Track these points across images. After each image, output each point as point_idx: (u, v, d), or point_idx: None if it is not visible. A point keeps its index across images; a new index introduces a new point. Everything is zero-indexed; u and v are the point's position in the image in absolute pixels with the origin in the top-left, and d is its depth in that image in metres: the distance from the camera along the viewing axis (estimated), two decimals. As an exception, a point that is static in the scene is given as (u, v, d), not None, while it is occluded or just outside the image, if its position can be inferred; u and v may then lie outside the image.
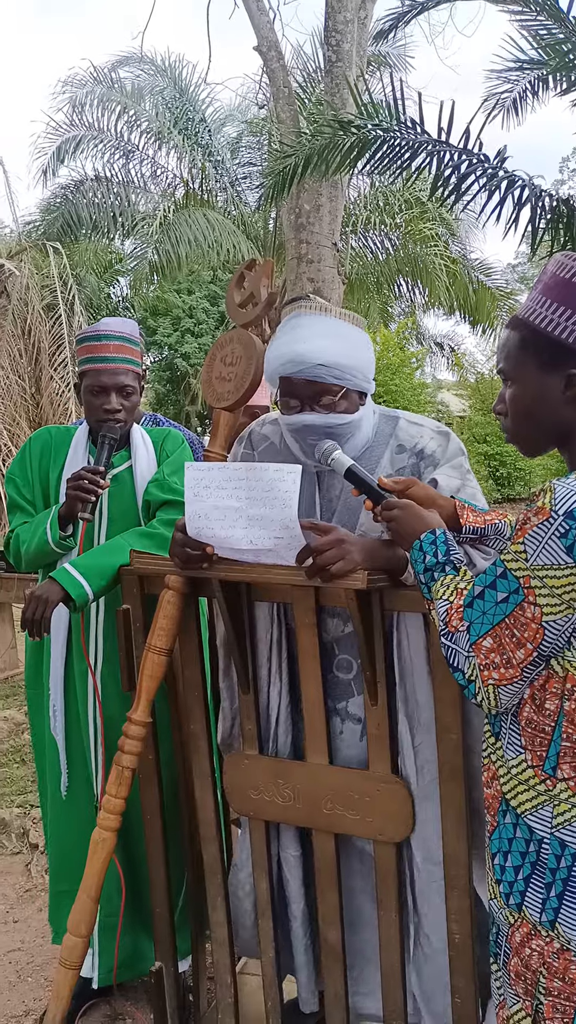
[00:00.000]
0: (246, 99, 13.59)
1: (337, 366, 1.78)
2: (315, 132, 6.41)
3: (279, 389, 1.87)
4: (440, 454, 1.87)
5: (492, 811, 1.44)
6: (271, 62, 8.89)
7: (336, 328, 1.81)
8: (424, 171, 5.63)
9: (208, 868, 2.11)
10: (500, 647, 1.32)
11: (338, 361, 1.77)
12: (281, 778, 1.92)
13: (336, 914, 1.90)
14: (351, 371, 1.79)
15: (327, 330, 1.80)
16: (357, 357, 1.81)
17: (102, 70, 12.71)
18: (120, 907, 2.23)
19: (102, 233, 13.37)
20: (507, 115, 6.43)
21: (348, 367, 1.79)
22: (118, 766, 1.97)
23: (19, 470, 2.41)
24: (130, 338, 2.35)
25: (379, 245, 12.84)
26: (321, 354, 1.76)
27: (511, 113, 6.42)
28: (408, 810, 1.79)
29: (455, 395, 23.10)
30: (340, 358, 1.78)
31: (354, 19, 7.88)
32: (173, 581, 1.93)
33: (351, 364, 1.79)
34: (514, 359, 1.43)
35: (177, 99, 12.94)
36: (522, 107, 6.42)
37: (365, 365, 1.83)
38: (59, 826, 2.41)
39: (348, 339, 1.81)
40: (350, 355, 1.79)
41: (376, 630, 1.75)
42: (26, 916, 3.00)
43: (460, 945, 1.77)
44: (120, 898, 2.22)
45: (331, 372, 1.78)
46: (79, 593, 2.13)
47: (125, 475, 2.39)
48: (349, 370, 1.79)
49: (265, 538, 1.70)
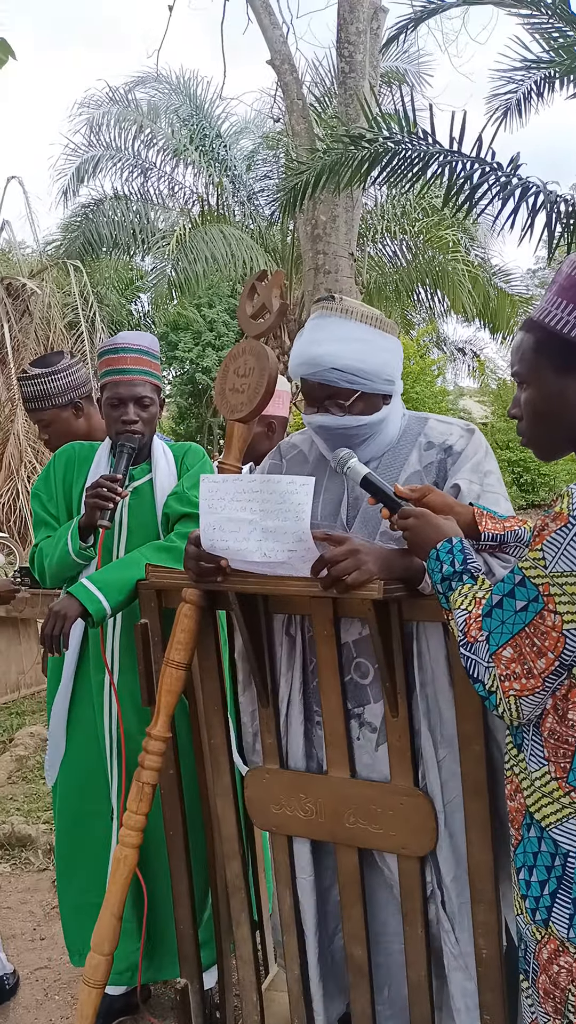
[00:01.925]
0: (261, 113, 13.70)
1: (351, 370, 1.78)
2: (327, 147, 6.44)
3: (300, 387, 1.89)
4: (465, 451, 1.86)
5: (516, 824, 1.41)
6: (284, 75, 8.94)
7: (355, 332, 1.81)
8: (439, 179, 5.62)
9: (231, 884, 2.09)
10: (520, 657, 1.29)
11: (352, 365, 1.77)
12: (303, 792, 1.90)
13: (361, 930, 1.87)
14: (367, 375, 1.79)
15: (345, 334, 1.80)
16: (376, 361, 1.80)
17: (118, 90, 12.86)
18: (135, 917, 2.23)
19: (122, 250, 13.52)
20: (512, 116, 6.40)
21: (364, 371, 1.79)
22: (138, 782, 1.96)
23: (44, 486, 2.45)
24: (147, 350, 2.36)
25: (397, 253, 12.85)
26: (335, 359, 1.77)
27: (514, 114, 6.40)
28: (432, 824, 1.76)
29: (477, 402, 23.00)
30: (355, 362, 1.77)
31: (366, 30, 7.91)
32: (190, 594, 1.92)
33: (368, 368, 1.79)
34: (529, 362, 1.41)
35: (193, 115, 13.06)
36: (526, 108, 6.40)
37: (385, 369, 1.82)
38: (71, 839, 2.42)
39: (367, 343, 1.81)
40: (367, 359, 1.79)
41: (395, 640, 1.73)
42: (53, 933, 2.99)
43: (488, 960, 1.74)
44: (135, 907, 2.22)
45: (344, 376, 1.78)
46: (97, 608, 2.13)
47: (145, 488, 2.39)
48: (365, 374, 1.79)
49: (279, 551, 1.69)
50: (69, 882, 2.45)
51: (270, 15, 8.95)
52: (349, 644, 1.85)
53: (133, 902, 2.25)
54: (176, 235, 11.70)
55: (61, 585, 2.40)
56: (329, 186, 6.22)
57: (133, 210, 13.15)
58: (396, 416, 1.91)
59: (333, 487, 1.92)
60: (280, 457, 2.07)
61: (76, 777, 2.40)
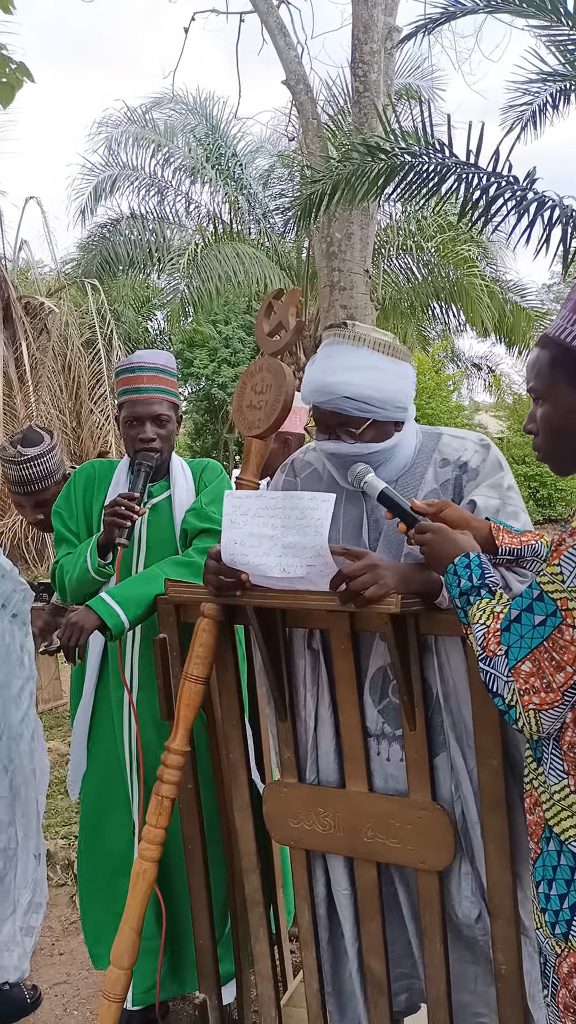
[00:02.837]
0: (276, 131, 13.82)
1: (362, 398, 1.77)
2: (342, 158, 6.45)
3: (312, 413, 1.89)
4: (480, 467, 1.86)
5: (535, 838, 1.41)
6: (299, 95, 9.03)
7: (366, 360, 1.80)
8: (455, 194, 5.64)
9: (249, 899, 2.09)
10: (539, 671, 1.30)
11: (364, 394, 1.77)
12: (321, 806, 1.91)
13: (380, 944, 1.87)
14: (379, 403, 1.79)
15: (357, 362, 1.79)
16: (388, 389, 1.79)
17: (135, 110, 13.02)
18: (157, 934, 2.23)
19: (139, 269, 13.64)
20: (527, 129, 6.43)
21: (376, 399, 1.78)
22: (158, 796, 1.97)
23: (64, 503, 2.48)
24: (163, 368, 2.39)
25: (412, 269, 12.89)
26: (346, 387, 1.77)
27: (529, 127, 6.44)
28: (451, 838, 1.76)
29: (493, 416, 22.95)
30: (367, 390, 1.77)
31: (380, 49, 7.98)
32: (208, 609, 1.93)
33: (380, 396, 1.78)
34: (545, 377, 1.42)
35: (209, 135, 13.19)
36: (541, 120, 6.43)
37: (398, 397, 1.81)
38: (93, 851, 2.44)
39: (379, 370, 1.80)
40: (379, 388, 1.78)
41: (412, 654, 1.73)
42: (71, 948, 3.00)
43: (507, 975, 1.73)
44: (157, 924, 2.22)
45: (356, 405, 1.78)
46: (115, 622, 2.15)
47: (164, 504, 2.42)
48: (377, 402, 1.78)
49: (298, 566, 1.70)
50: (91, 894, 2.47)
51: (285, 36, 9.05)
52: (386, 668, 1.85)
53: (155, 919, 2.26)
54: (188, 253, 11.79)
55: (82, 602, 2.42)
56: (345, 199, 6.24)
57: (150, 229, 13.28)
58: (409, 440, 1.90)
59: (351, 509, 1.91)
60: (294, 475, 2.07)
61: (97, 791, 2.42)
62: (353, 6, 7.97)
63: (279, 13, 9.31)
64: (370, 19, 7.87)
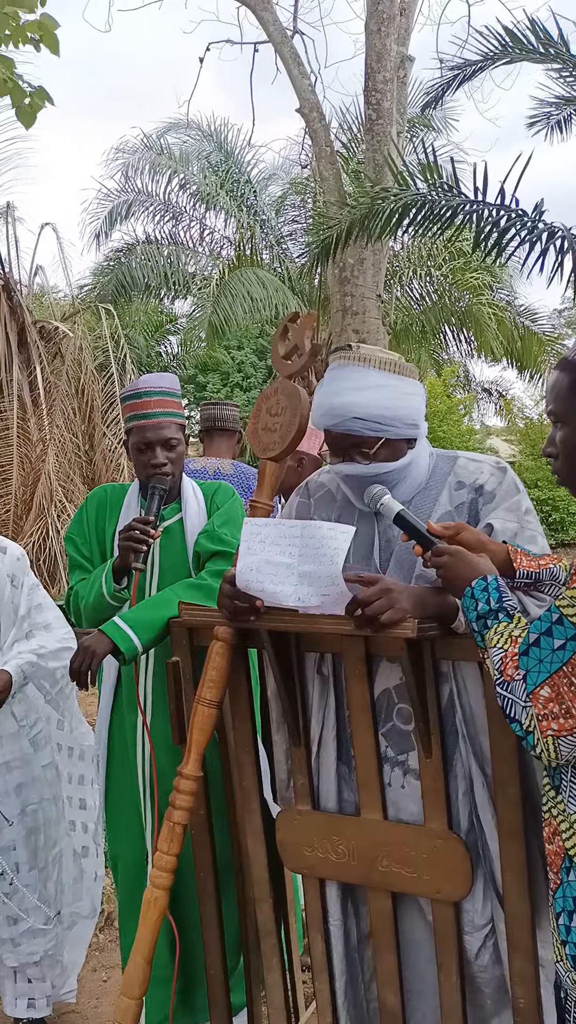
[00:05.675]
0: (289, 159, 13.98)
1: (373, 418, 1.78)
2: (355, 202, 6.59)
3: (325, 438, 1.89)
4: (497, 490, 1.85)
5: (555, 868, 1.38)
6: (313, 123, 9.12)
7: (374, 379, 1.80)
8: (467, 227, 5.74)
9: (262, 928, 2.06)
10: (559, 696, 1.28)
11: (374, 413, 1.77)
12: (335, 834, 1.88)
13: (395, 976, 1.83)
14: (389, 421, 1.79)
15: (365, 382, 1.80)
16: (397, 407, 1.80)
17: (151, 136, 13.22)
18: (167, 960, 2.20)
19: (153, 294, 13.76)
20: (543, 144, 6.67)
21: (386, 417, 1.78)
22: (169, 822, 1.94)
23: (77, 529, 2.48)
24: (169, 391, 2.40)
25: (423, 296, 12.96)
26: (355, 408, 1.77)
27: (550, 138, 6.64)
28: (467, 868, 1.73)
29: (504, 440, 22.93)
30: (377, 409, 1.77)
31: (393, 78, 8.07)
32: (222, 632, 1.92)
33: (390, 415, 1.79)
34: (564, 400, 1.42)
35: (223, 162, 13.36)
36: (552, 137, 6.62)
37: (408, 413, 1.82)
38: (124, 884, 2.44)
39: (388, 389, 1.80)
40: (389, 406, 1.79)
41: (428, 679, 1.71)
42: (81, 976, 2.95)
43: (525, 1010, 1.69)
44: (168, 951, 2.19)
45: (367, 425, 1.78)
46: (128, 646, 2.14)
47: (176, 527, 2.41)
48: (387, 420, 1.79)
49: (313, 595, 1.69)
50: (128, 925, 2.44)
51: (299, 65, 9.16)
52: (390, 690, 1.83)
53: (168, 947, 2.22)
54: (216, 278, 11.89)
55: (97, 627, 2.42)
56: (360, 240, 6.38)
57: (164, 254, 13.41)
58: (423, 458, 1.90)
59: (364, 529, 1.91)
60: (308, 496, 2.07)
61: (115, 818, 2.41)
62: (367, 36, 8.06)
63: (293, 43, 9.44)
64: (383, 48, 7.96)
